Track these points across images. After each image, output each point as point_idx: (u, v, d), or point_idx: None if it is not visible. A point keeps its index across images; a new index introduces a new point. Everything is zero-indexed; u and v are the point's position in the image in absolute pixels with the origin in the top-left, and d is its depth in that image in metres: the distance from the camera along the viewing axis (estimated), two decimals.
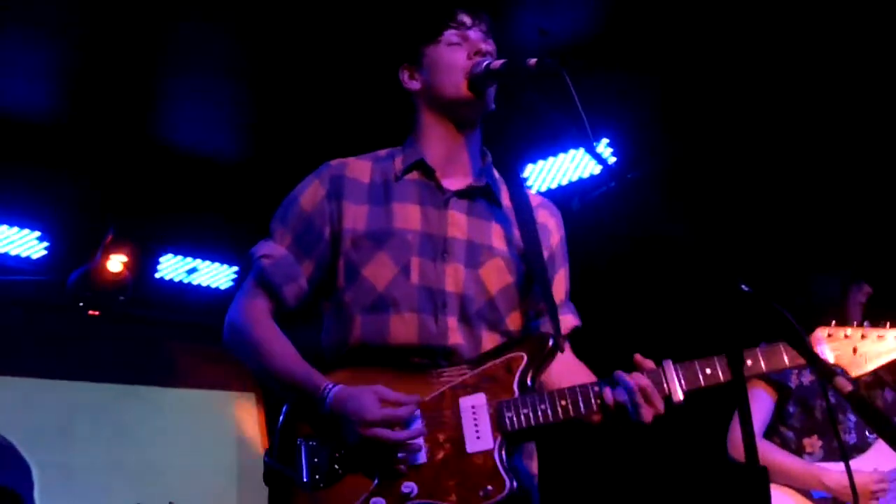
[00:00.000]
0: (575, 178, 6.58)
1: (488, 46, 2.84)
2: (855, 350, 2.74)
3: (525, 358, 2.62)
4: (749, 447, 2.12)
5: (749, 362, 2.61)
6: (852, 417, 4.40)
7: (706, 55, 5.64)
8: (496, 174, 2.95)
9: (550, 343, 2.65)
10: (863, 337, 2.77)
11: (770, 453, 4.39)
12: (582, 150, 6.34)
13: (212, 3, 5.10)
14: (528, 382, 2.60)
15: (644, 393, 2.53)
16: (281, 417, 2.66)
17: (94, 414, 7.41)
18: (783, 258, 5.40)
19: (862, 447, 4.35)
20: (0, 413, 6.80)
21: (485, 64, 2.74)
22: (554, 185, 6.65)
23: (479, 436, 2.52)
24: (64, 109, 6.09)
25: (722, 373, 2.57)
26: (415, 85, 2.90)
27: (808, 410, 4.44)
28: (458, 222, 2.79)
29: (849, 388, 2.08)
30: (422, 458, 2.51)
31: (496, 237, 2.83)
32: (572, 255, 3.06)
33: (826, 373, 2.15)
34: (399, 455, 2.50)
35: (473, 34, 2.85)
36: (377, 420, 2.48)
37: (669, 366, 2.59)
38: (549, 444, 2.81)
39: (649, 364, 2.60)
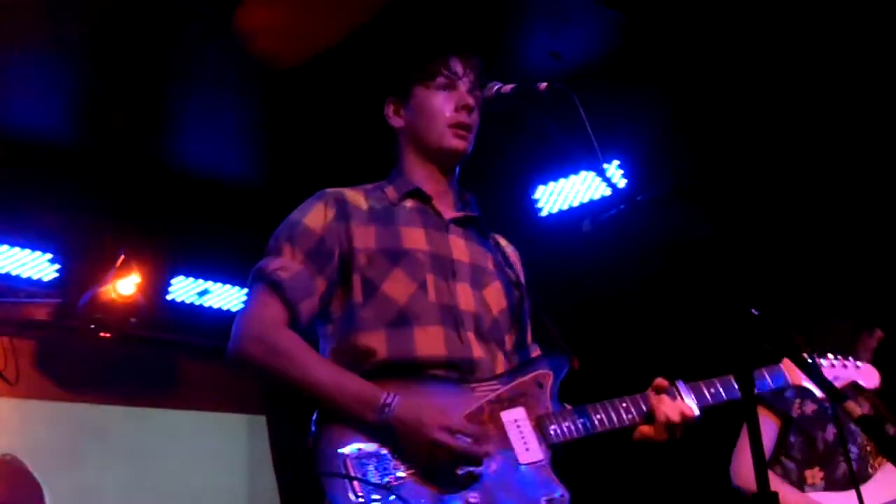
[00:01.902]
0: (586, 200, 6.58)
1: (473, 100, 2.89)
2: None
3: (552, 375, 2.72)
4: (760, 474, 2.11)
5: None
6: (854, 449, 4.39)
7: (717, 78, 5.65)
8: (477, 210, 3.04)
9: (569, 361, 2.76)
10: (832, 366, 3.14)
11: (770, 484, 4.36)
12: (592, 172, 6.36)
13: (226, 28, 5.12)
14: (556, 398, 2.71)
15: (678, 419, 2.70)
16: (314, 430, 2.56)
17: (105, 436, 7.41)
18: (795, 296, 5.38)
19: (863, 477, 4.33)
20: (12, 435, 6.80)
21: (496, 88, 2.78)
22: (565, 207, 6.66)
23: (528, 448, 2.57)
24: (76, 131, 6.12)
25: (724, 392, 2.82)
26: (399, 122, 2.98)
27: (809, 441, 4.43)
28: (459, 246, 2.88)
29: (859, 411, 2.09)
30: (480, 469, 2.51)
31: (491, 263, 2.93)
32: (582, 277, 3.12)
33: (836, 396, 2.15)
34: (461, 466, 2.48)
35: (463, 84, 2.92)
36: (459, 428, 2.48)
37: (682, 385, 2.77)
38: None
39: (664, 382, 2.78)
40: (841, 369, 3.28)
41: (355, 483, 2.42)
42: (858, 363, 3.37)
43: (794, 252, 5.95)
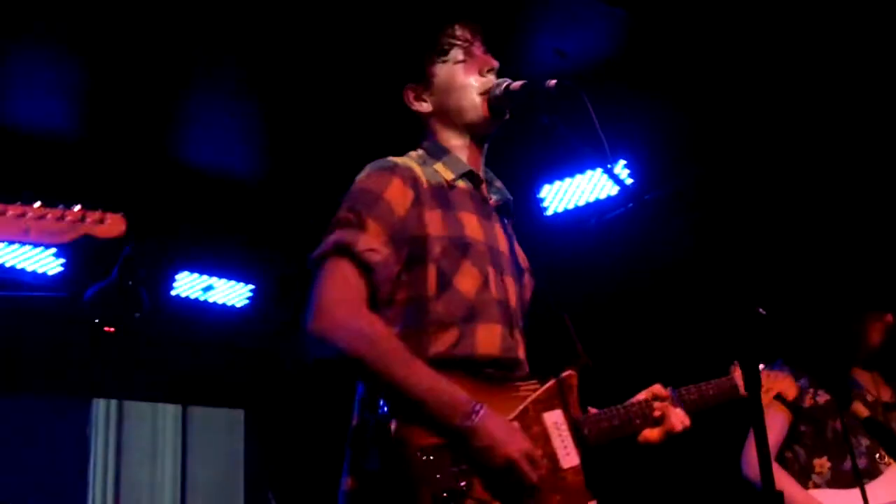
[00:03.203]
0: (592, 199, 6.59)
1: (494, 61, 2.84)
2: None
3: (575, 376, 2.69)
4: (765, 471, 2.11)
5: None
6: (864, 441, 4.37)
7: (723, 76, 5.64)
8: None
9: (588, 362, 2.73)
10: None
11: (776, 477, 4.35)
12: (599, 170, 6.35)
13: (230, 26, 5.12)
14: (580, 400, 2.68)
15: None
16: (393, 427, 2.43)
17: (107, 430, 7.43)
18: (804, 287, 5.38)
19: (872, 473, 4.32)
20: (15, 429, 6.81)
21: (504, 85, 2.75)
22: (571, 206, 6.66)
23: (568, 452, 2.55)
24: (82, 126, 6.12)
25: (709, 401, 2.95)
26: (424, 107, 2.88)
27: (819, 430, 4.42)
28: (501, 236, 2.81)
29: (866, 413, 2.09)
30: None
31: (520, 253, 2.89)
32: (588, 275, 3.11)
33: (843, 396, 2.16)
34: (522, 489, 2.43)
35: (477, 50, 2.86)
36: (537, 458, 2.45)
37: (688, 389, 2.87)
38: None
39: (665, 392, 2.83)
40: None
41: (434, 481, 2.37)
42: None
43: (800, 235, 5.95)
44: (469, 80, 2.81)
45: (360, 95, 5.66)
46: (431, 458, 2.38)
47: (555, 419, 2.58)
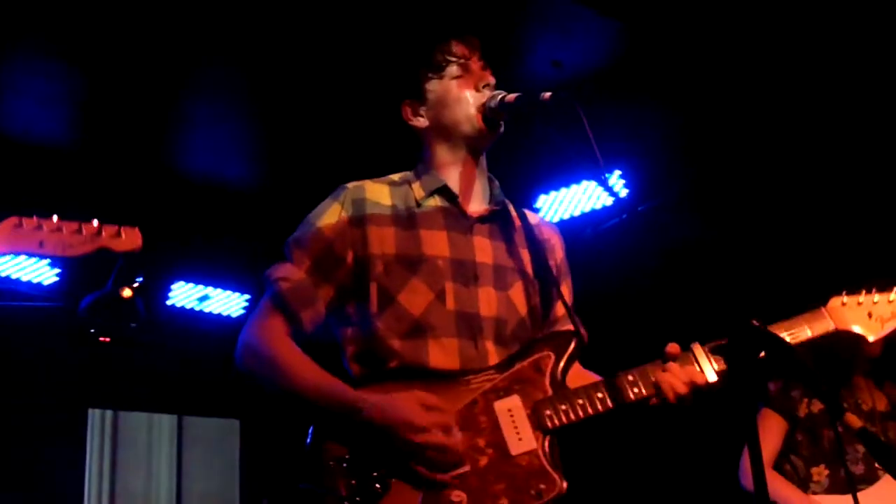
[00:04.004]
0: (587, 210, 6.60)
1: (491, 77, 2.85)
2: (870, 314, 2.82)
3: (553, 356, 2.61)
4: (758, 481, 2.11)
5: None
6: (860, 448, 4.37)
7: (718, 87, 5.66)
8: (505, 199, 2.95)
9: (575, 339, 2.65)
10: (874, 302, 2.84)
11: (774, 486, 4.37)
12: (593, 182, 6.36)
13: (226, 34, 5.14)
14: (559, 380, 2.59)
15: (679, 375, 2.58)
16: (308, 440, 2.56)
17: (102, 440, 7.42)
18: (802, 284, 5.39)
19: (870, 479, 4.32)
20: (10, 439, 6.80)
21: (499, 98, 2.75)
22: (566, 216, 6.67)
23: (521, 437, 2.50)
24: (77, 135, 6.13)
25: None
26: (421, 122, 2.89)
27: (815, 439, 4.43)
28: (484, 247, 2.79)
29: (859, 424, 2.09)
30: (466, 466, 2.46)
31: (517, 259, 2.85)
32: (584, 287, 3.07)
33: (836, 409, 2.16)
34: (443, 465, 2.44)
35: (474, 65, 2.86)
36: (427, 424, 2.43)
37: (698, 347, 2.63)
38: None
39: (676, 348, 2.65)
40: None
41: (337, 496, 2.43)
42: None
43: (797, 240, 5.96)
44: (464, 94, 2.81)
45: (358, 104, 5.67)
46: (345, 465, 2.45)
47: (508, 406, 2.53)
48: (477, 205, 2.87)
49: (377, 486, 2.42)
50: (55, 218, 3.05)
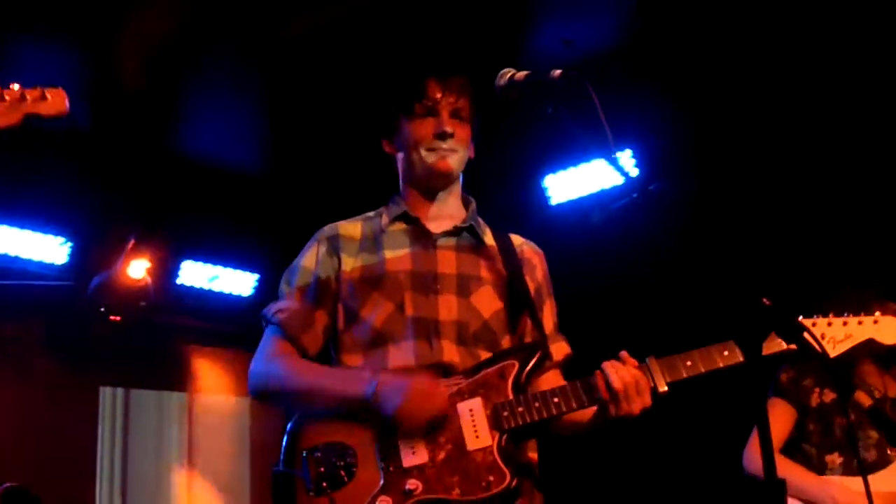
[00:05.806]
0: (596, 189, 6.58)
1: (451, 127, 2.94)
2: (823, 336, 3.03)
3: (517, 365, 2.79)
4: (767, 458, 2.11)
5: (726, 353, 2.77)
6: (873, 434, 4.38)
7: (730, 67, 5.64)
8: (480, 220, 3.09)
9: (541, 350, 2.84)
10: (829, 325, 3.08)
11: (784, 467, 4.37)
12: (603, 161, 6.33)
13: (235, 21, 5.14)
14: (522, 386, 2.77)
15: (633, 384, 2.71)
16: (288, 427, 2.83)
17: (114, 418, 7.46)
18: (810, 272, 5.38)
19: (881, 464, 4.33)
20: (23, 418, 6.84)
21: (509, 76, 2.76)
22: (575, 196, 6.66)
23: (478, 435, 2.69)
24: (88, 117, 6.14)
25: (702, 364, 2.78)
26: (392, 151, 3.09)
27: (828, 428, 4.42)
28: (447, 259, 2.96)
29: (869, 402, 2.09)
30: (424, 458, 2.67)
31: (483, 269, 2.99)
32: (592, 266, 3.10)
33: (846, 387, 2.16)
34: (403, 456, 2.67)
35: (444, 108, 2.96)
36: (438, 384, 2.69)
37: (652, 360, 2.78)
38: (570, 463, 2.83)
39: (633, 361, 2.77)
40: (856, 327, 3.24)
41: (305, 480, 2.69)
42: (877, 318, 3.31)
43: (808, 224, 5.94)
44: (422, 137, 2.95)
45: (365, 87, 5.67)
46: (316, 454, 2.72)
47: (469, 407, 2.72)
48: (444, 223, 3.03)
49: (342, 473, 2.68)
50: None
